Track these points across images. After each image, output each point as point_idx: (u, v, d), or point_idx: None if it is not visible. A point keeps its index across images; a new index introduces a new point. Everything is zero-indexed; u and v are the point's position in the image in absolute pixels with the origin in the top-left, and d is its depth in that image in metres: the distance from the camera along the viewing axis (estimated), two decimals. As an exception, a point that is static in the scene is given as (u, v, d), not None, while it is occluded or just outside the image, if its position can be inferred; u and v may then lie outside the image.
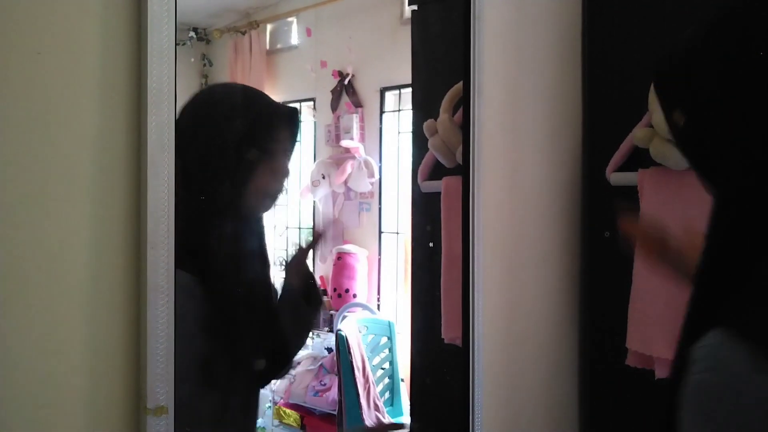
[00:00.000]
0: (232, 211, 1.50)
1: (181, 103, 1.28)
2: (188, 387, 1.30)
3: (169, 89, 1.20)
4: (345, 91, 2.64)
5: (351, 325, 2.52)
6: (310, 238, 1.87)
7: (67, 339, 1.15)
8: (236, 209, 1.52)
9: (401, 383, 2.60)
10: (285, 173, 1.59)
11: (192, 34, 2.08)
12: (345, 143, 2.63)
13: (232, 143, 1.47)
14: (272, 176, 1.55)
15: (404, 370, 2.53)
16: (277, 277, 1.72)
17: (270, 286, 1.65)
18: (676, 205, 1.88)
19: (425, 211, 2.07)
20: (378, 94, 2.61)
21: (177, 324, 1.22)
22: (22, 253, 1.09)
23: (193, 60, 2.11)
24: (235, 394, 1.53)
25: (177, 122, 1.24)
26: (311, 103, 2.72)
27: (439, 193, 1.99)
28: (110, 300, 1.19)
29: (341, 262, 2.69)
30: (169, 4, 1.21)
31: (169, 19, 1.21)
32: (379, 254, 2.68)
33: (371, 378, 2.50)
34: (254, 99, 1.66)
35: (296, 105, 2.71)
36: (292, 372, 2.67)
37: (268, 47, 2.51)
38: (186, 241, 1.26)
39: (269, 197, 1.58)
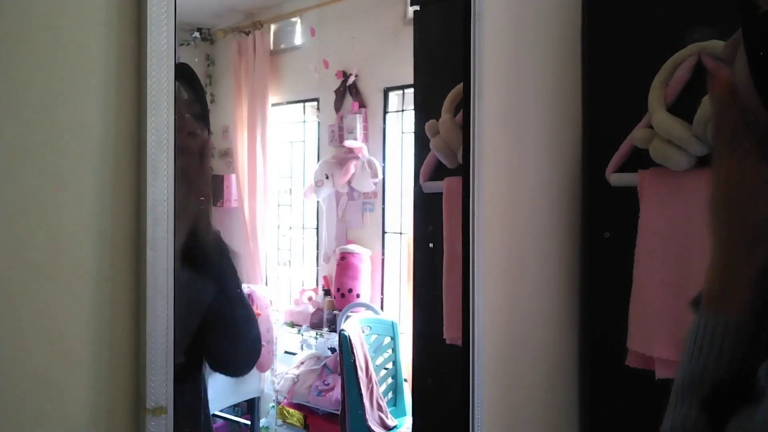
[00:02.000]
0: None
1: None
2: None
3: (168, 90, 1.20)
4: (348, 91, 2.65)
5: (354, 325, 2.52)
6: None
7: (66, 339, 1.15)
8: None
9: (404, 383, 2.61)
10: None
11: (196, 34, 2.09)
12: (348, 143, 2.63)
13: None
14: None
15: (408, 370, 2.53)
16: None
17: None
18: (676, 205, 1.89)
19: (427, 212, 2.07)
20: (381, 94, 2.62)
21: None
22: (20, 253, 1.10)
23: (197, 60, 2.12)
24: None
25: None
26: (315, 103, 2.73)
27: (441, 194, 2.00)
28: (110, 300, 1.20)
29: (345, 262, 2.69)
30: (168, 5, 1.21)
31: (169, 21, 1.21)
32: (383, 254, 2.68)
33: (374, 378, 2.50)
34: None
35: (300, 105, 2.73)
36: (296, 372, 2.68)
37: (271, 47, 2.52)
38: None
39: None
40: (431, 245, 2.03)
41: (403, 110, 2.60)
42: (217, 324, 1.53)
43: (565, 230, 2.17)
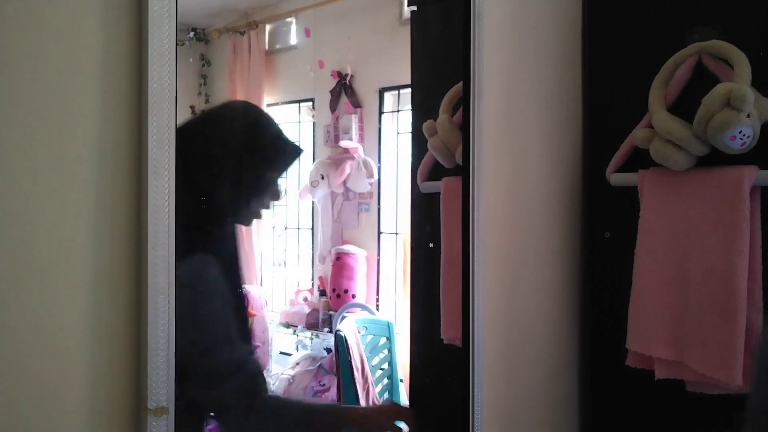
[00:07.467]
0: (235, 215, 1.66)
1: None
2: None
3: (170, 89, 1.20)
4: (344, 91, 2.64)
5: (350, 325, 2.52)
6: None
7: (67, 339, 1.15)
8: (238, 215, 1.68)
9: (400, 384, 2.60)
10: (277, 197, 1.78)
11: (191, 34, 2.08)
12: (344, 143, 2.63)
13: (262, 157, 1.68)
14: (270, 197, 1.74)
15: (403, 370, 2.53)
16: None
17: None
18: (676, 205, 1.89)
19: (424, 212, 2.07)
20: (377, 95, 2.61)
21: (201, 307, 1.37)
22: (21, 253, 1.09)
23: (192, 60, 2.11)
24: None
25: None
26: (310, 103, 2.71)
27: (439, 194, 1.99)
28: (111, 300, 1.19)
29: (340, 263, 2.68)
30: (170, 4, 1.21)
31: (170, 20, 1.21)
32: (378, 255, 2.68)
33: (370, 378, 2.50)
34: (278, 128, 1.92)
35: (295, 105, 2.72)
36: (291, 373, 2.67)
37: (266, 47, 2.50)
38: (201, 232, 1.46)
39: (258, 215, 1.75)
40: (431, 245, 2.03)
41: (398, 110, 2.59)
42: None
43: (565, 230, 2.17)
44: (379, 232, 2.68)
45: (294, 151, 1.99)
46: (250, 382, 1.57)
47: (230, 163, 1.60)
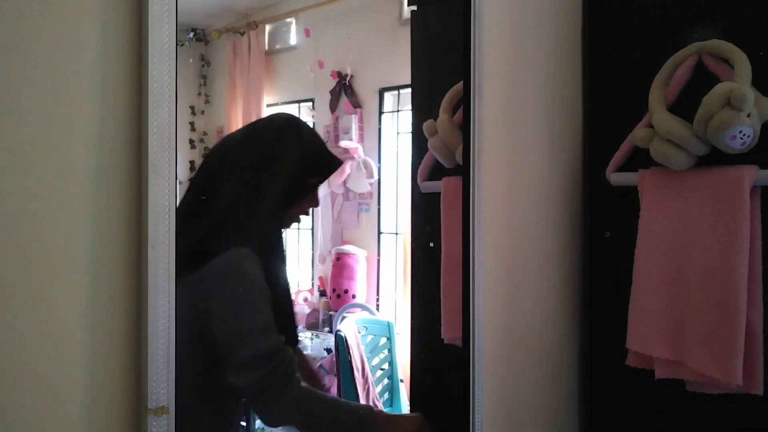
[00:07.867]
0: (278, 219, 1.74)
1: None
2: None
3: (170, 89, 1.20)
4: (344, 91, 2.63)
5: (350, 325, 2.51)
6: None
7: (67, 339, 1.15)
8: (282, 219, 1.76)
9: (400, 384, 2.60)
10: (316, 204, 1.93)
11: (191, 34, 2.08)
12: (344, 144, 2.62)
13: (303, 166, 1.73)
14: (309, 203, 1.85)
15: (403, 370, 2.53)
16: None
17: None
18: (676, 205, 1.89)
19: (425, 212, 2.07)
20: (377, 95, 2.60)
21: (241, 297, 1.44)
22: (21, 252, 1.09)
23: (191, 60, 2.11)
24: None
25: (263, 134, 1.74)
26: (310, 103, 2.71)
27: (439, 194, 1.99)
28: (111, 300, 1.19)
29: (340, 263, 2.68)
30: (170, 4, 1.21)
31: (170, 19, 1.21)
32: (378, 255, 2.67)
33: (370, 378, 2.49)
34: (319, 139, 2.03)
35: (295, 105, 2.72)
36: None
37: (266, 48, 2.50)
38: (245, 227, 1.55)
39: (297, 219, 1.83)
40: (431, 245, 2.03)
41: (398, 111, 2.59)
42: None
43: (566, 230, 2.17)
44: (379, 232, 2.67)
45: (336, 163, 2.09)
46: (286, 368, 1.57)
47: (279, 171, 1.67)
